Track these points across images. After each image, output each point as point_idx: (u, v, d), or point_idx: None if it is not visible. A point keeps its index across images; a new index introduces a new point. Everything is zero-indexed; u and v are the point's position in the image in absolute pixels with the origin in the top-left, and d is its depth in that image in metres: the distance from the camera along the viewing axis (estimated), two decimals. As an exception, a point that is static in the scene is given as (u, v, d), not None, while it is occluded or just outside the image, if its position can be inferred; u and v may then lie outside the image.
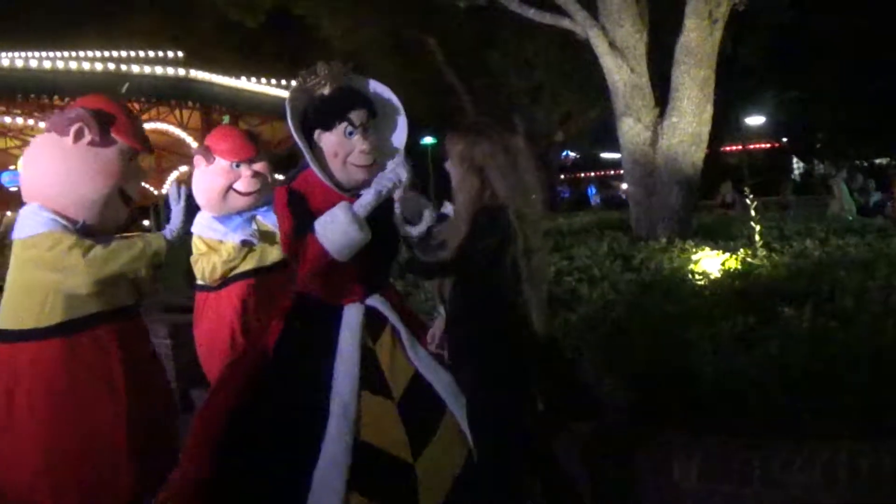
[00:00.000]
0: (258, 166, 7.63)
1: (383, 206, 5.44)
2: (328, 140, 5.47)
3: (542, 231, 5.07)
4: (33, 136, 31.69)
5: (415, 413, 5.37)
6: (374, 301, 5.61)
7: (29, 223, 5.01)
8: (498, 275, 4.84)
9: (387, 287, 5.86)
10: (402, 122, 5.83)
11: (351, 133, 5.44)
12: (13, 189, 33.70)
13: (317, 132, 5.51)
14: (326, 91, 5.55)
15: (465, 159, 4.95)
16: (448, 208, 5.50)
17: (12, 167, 33.84)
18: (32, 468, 4.90)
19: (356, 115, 5.47)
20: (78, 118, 5.07)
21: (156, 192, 34.31)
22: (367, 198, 5.35)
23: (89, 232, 5.12)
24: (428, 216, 5.65)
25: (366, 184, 5.49)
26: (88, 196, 5.10)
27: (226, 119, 28.21)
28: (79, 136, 5.03)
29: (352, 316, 5.46)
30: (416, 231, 5.62)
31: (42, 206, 5.05)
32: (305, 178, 5.51)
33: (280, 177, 6.67)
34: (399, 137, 5.81)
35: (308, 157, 5.45)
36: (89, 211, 5.15)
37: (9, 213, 27.77)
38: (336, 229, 5.19)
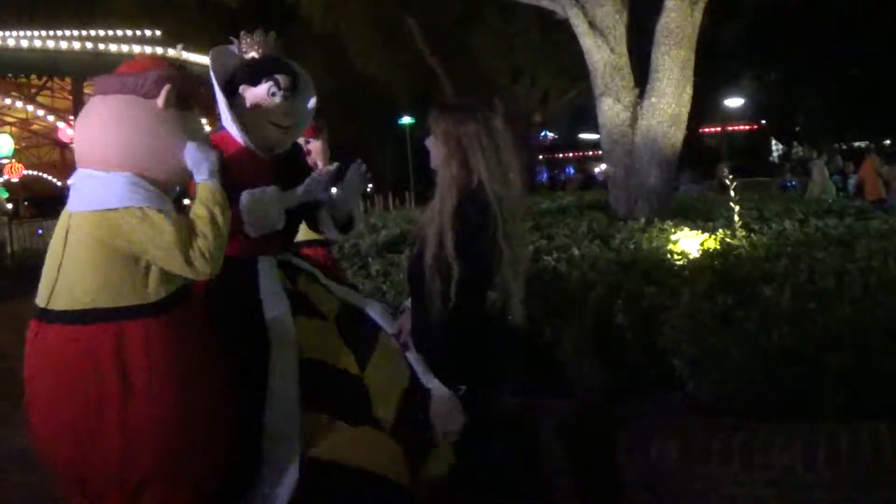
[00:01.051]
0: None
1: (289, 171, 5.80)
2: (252, 94, 5.69)
3: (522, 214, 5.05)
4: (9, 116, 31.74)
5: (351, 331, 5.54)
6: (286, 255, 5.82)
7: (123, 193, 4.63)
8: (480, 259, 4.83)
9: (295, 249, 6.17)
10: (312, 104, 6.09)
11: (274, 93, 5.65)
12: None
13: (242, 87, 5.71)
14: (257, 55, 5.81)
15: (451, 138, 4.94)
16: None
17: (-8, 146, 33.88)
18: (155, 448, 4.70)
19: (283, 78, 5.69)
20: (167, 79, 4.85)
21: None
22: (296, 194, 5.64)
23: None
24: (357, 226, 6.29)
25: (278, 147, 5.82)
26: (177, 162, 4.92)
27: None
28: (169, 98, 4.84)
29: (265, 264, 5.59)
30: (337, 235, 6.26)
31: (132, 175, 4.69)
32: (222, 136, 5.66)
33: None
34: (309, 115, 6.11)
35: (226, 114, 5.64)
36: (178, 177, 4.97)
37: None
38: (261, 208, 5.42)
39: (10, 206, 36.66)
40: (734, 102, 56.41)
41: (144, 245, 4.59)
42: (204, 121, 5.91)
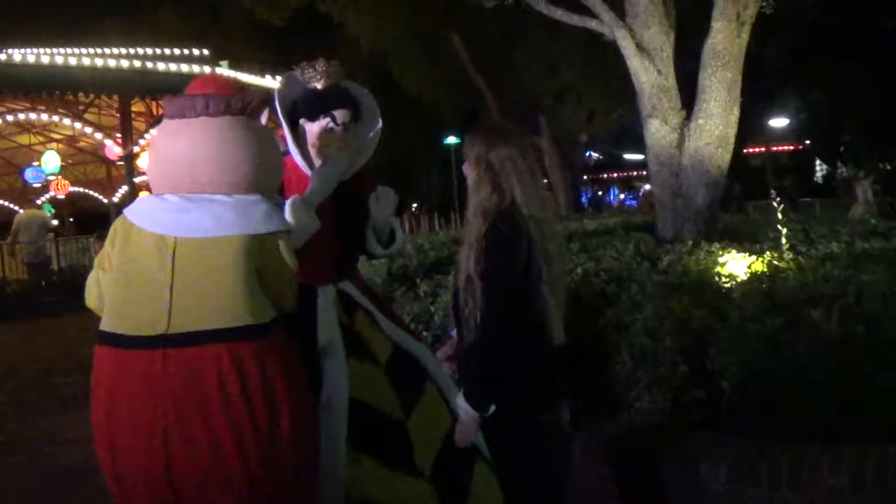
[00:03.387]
0: None
1: (350, 200, 5.77)
2: (311, 130, 5.76)
3: (560, 236, 5.07)
4: (57, 133, 31.88)
5: (401, 377, 5.58)
6: (346, 286, 5.80)
7: (263, 217, 4.69)
8: (514, 280, 4.83)
9: (355, 276, 6.08)
10: (376, 131, 6.07)
11: (332, 129, 5.72)
12: (36, 185, 33.92)
13: (302, 120, 5.78)
14: (319, 85, 5.81)
15: (482, 161, 4.95)
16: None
17: (35, 163, 34.06)
18: (294, 463, 4.73)
19: (340, 114, 5.73)
20: (262, 97, 4.95)
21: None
22: (311, 187, 5.57)
23: None
24: (399, 239, 6.07)
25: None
26: (280, 177, 5.06)
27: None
28: (269, 116, 4.99)
29: (325, 296, 5.62)
30: (381, 251, 6.02)
31: (263, 198, 4.77)
32: (287, 160, 5.66)
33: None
34: (371, 144, 6.06)
35: (290, 141, 5.71)
36: (275, 188, 5.08)
37: (21, 211, 27.97)
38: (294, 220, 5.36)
39: (55, 222, 36.89)
40: (778, 122, 56.15)
41: (280, 270, 4.72)
42: None
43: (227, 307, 4.56)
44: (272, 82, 27.67)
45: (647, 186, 32.94)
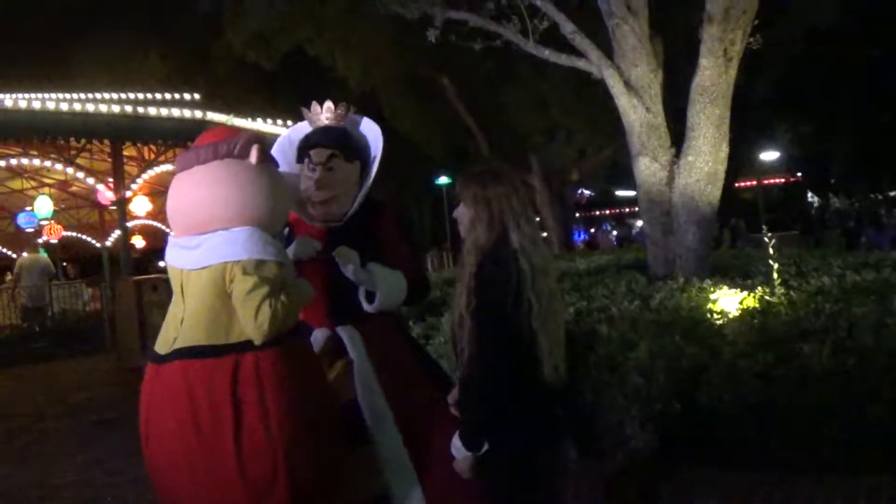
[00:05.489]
0: None
1: (358, 242, 5.74)
2: (298, 169, 5.95)
3: (553, 273, 5.09)
4: (49, 178, 31.87)
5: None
6: (343, 331, 5.81)
7: (251, 247, 4.99)
8: (513, 321, 4.84)
9: (366, 321, 5.93)
10: (371, 170, 6.07)
11: (314, 169, 5.84)
12: (29, 230, 33.90)
13: (293, 163, 5.99)
14: (312, 128, 6.02)
15: (479, 201, 4.98)
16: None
17: (28, 208, 34.05)
18: (269, 474, 4.87)
19: (315, 153, 5.86)
20: (253, 139, 5.19)
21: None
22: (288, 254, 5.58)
23: None
24: (382, 298, 5.84)
25: (323, 218, 5.94)
26: (278, 208, 5.20)
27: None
28: (260, 155, 5.12)
29: (316, 337, 5.76)
30: (367, 307, 5.84)
31: (252, 228, 5.06)
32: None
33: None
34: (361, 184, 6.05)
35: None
36: (279, 225, 5.30)
37: (24, 254, 27.99)
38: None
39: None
40: (769, 156, 56.28)
41: (237, 293, 4.91)
42: None
43: (192, 327, 4.98)
44: (263, 126, 27.74)
45: (639, 223, 32.97)
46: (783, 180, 66.57)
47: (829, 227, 53.10)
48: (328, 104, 6.11)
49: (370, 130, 6.21)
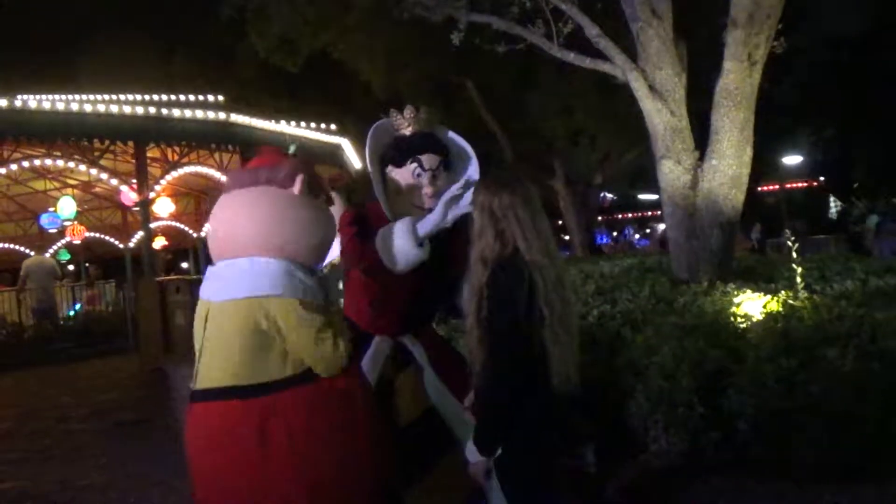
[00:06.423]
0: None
1: (442, 255, 5.60)
2: (398, 176, 5.74)
3: (567, 281, 5.06)
4: (72, 179, 31.89)
5: (417, 446, 5.57)
6: (406, 339, 5.81)
7: (277, 281, 4.85)
8: (524, 328, 4.83)
9: (423, 329, 5.99)
10: (470, 177, 5.90)
11: (419, 175, 5.68)
12: (52, 231, 34.00)
13: (389, 167, 5.77)
14: (407, 132, 5.83)
15: (486, 209, 4.97)
16: None
17: (51, 209, 34.04)
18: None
19: (427, 159, 5.70)
20: (299, 169, 5.09)
21: (195, 235, 34.53)
22: (433, 216, 5.52)
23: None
24: None
25: None
26: (317, 242, 5.11)
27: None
28: (304, 187, 5.03)
29: (379, 346, 5.72)
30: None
31: (286, 262, 4.91)
32: (371, 208, 5.75)
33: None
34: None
35: (377, 189, 5.72)
36: (317, 258, 5.18)
37: (32, 254, 28.04)
38: (394, 239, 5.44)
39: (71, 267, 36.78)
40: (792, 160, 56.08)
41: (288, 333, 4.77)
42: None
43: (217, 367, 4.82)
44: (287, 128, 27.71)
45: (661, 226, 32.83)
46: (805, 184, 66.37)
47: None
48: (424, 108, 6.04)
49: (455, 143, 6.10)
